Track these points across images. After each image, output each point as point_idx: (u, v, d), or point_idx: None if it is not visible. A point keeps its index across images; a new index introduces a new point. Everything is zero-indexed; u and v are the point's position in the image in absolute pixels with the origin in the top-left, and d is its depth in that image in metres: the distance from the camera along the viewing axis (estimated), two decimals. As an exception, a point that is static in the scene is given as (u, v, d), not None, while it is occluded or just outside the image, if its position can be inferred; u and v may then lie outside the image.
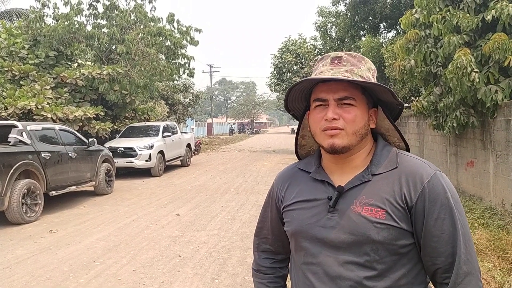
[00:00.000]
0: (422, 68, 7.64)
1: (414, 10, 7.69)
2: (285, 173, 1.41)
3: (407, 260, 1.16)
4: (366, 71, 1.20)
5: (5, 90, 12.34)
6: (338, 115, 1.15)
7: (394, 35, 16.25)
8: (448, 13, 6.69)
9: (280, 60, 22.75)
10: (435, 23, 6.81)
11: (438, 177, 1.15)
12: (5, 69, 13.08)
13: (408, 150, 1.29)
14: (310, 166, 1.31)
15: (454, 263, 1.11)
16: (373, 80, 1.22)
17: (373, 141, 1.27)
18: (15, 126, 7.66)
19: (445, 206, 1.12)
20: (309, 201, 1.24)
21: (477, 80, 5.87)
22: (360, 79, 1.16)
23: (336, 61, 1.19)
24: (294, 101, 1.30)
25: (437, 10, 6.97)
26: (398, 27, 14.80)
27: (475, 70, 5.92)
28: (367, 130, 1.21)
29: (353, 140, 1.17)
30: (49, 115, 11.79)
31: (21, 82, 13.06)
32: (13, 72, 13.15)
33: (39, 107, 11.82)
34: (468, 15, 6.44)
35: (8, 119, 11.04)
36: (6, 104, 11.67)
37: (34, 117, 11.69)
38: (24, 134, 7.57)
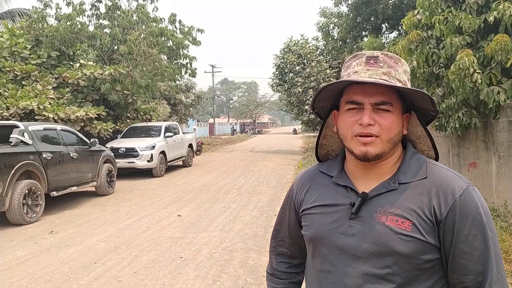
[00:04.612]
0: (424, 69, 7.61)
1: (416, 11, 7.66)
2: (305, 175, 1.34)
3: (428, 275, 1.10)
4: (403, 74, 1.13)
5: (7, 90, 12.39)
6: (374, 120, 1.08)
7: (396, 36, 16.25)
8: (450, 14, 6.68)
9: (282, 60, 22.67)
10: (437, 24, 6.79)
11: (471, 191, 1.09)
12: (7, 69, 13.14)
13: (437, 159, 1.22)
14: (333, 169, 1.25)
15: (484, 282, 1.06)
16: (409, 84, 1.16)
17: (401, 148, 1.20)
18: (16, 126, 7.66)
19: (477, 222, 1.06)
20: (330, 206, 1.18)
21: (480, 81, 5.85)
22: (398, 83, 1.10)
23: (372, 61, 1.11)
24: (321, 100, 1.22)
25: (439, 11, 6.95)
26: (400, 28, 14.77)
27: (478, 71, 5.89)
28: (401, 137, 1.15)
29: (387, 148, 1.11)
30: (51, 115, 11.82)
31: (23, 82, 13.10)
32: (15, 72, 13.20)
33: (41, 107, 11.85)
34: (470, 16, 6.42)
35: (9, 119, 11.07)
36: (8, 104, 11.70)
37: (36, 117, 11.72)
38: (25, 134, 7.57)
